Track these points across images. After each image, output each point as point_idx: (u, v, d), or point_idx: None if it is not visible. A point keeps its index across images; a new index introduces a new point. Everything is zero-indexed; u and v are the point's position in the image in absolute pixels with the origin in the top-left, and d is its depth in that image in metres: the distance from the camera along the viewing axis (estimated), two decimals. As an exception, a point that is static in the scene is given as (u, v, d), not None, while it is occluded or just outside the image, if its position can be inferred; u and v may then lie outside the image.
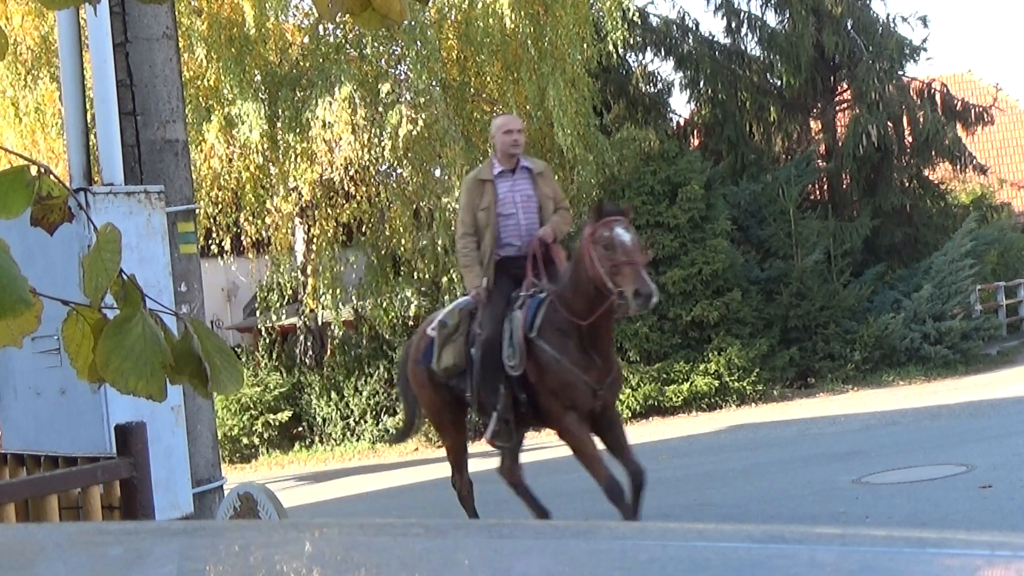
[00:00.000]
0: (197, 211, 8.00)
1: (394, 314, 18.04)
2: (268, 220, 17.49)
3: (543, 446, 16.45)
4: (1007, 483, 8.14)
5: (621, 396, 17.09)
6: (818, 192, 21.48)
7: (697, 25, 25.15)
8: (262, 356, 19.06)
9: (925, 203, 21.58)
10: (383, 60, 17.24)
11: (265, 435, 18.26)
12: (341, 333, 18.32)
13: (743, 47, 21.83)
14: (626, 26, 18.24)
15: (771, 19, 21.49)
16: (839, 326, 18.36)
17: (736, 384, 17.30)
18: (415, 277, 17.79)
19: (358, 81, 16.07)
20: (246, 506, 6.16)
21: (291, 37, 17.58)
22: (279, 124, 16.35)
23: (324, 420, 18.40)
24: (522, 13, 16.58)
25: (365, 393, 18.22)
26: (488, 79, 17.58)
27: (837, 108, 21.91)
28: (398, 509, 11.38)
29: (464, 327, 7.30)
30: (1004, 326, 21.69)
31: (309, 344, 19.10)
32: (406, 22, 12.09)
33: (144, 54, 6.26)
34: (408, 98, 16.47)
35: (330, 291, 17.58)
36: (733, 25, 21.65)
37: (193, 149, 13.82)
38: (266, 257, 18.51)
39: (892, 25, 21.18)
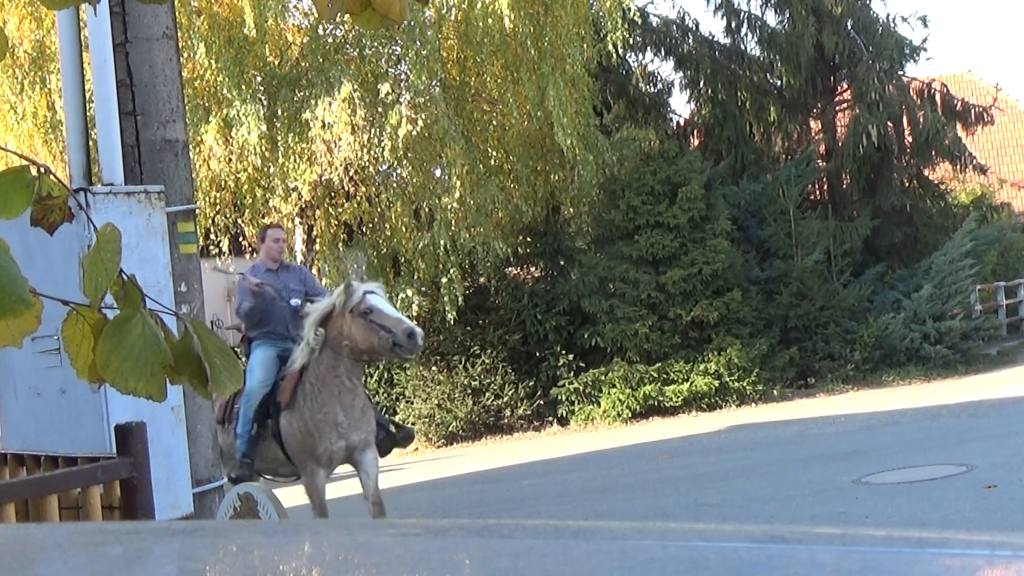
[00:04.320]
0: (197, 211, 8.01)
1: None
2: (268, 220, 17.47)
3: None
4: (1007, 483, 8.15)
5: (621, 396, 17.11)
6: (818, 192, 21.48)
7: (697, 25, 25.15)
8: (262, 356, 19.04)
9: (925, 203, 21.57)
10: (383, 60, 17.23)
11: (265, 435, 18.25)
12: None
13: (743, 47, 21.83)
14: (626, 26, 18.24)
15: (771, 19, 21.51)
16: (839, 326, 18.37)
17: (736, 384, 17.30)
18: (415, 277, 17.79)
19: (358, 81, 16.05)
20: (246, 506, 6.17)
21: (291, 37, 17.55)
22: (278, 125, 16.34)
23: (324, 420, 18.39)
24: (522, 13, 16.57)
25: (365, 393, 18.22)
26: (488, 79, 17.57)
27: (837, 108, 21.90)
28: (398, 509, 11.37)
29: None
30: (1004, 326, 21.69)
31: (309, 344, 19.09)
32: (406, 22, 12.06)
33: (144, 54, 6.26)
34: (408, 98, 16.46)
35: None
36: (733, 25, 21.65)
37: (191, 150, 13.81)
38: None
39: (892, 25, 21.18)
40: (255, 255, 18.55)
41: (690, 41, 21.55)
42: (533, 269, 19.17)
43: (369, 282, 8.28)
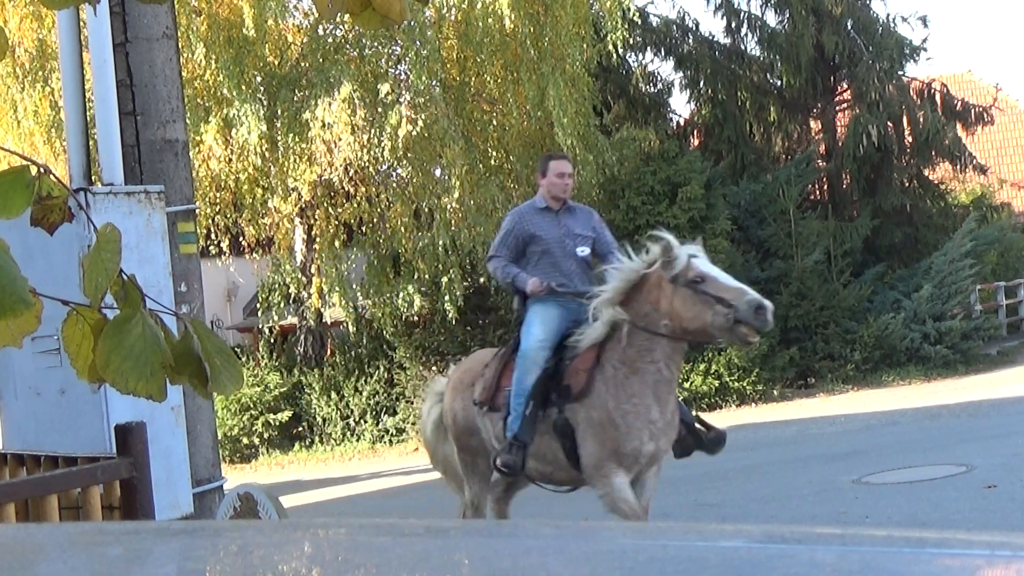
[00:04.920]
0: (197, 211, 7.99)
1: (393, 313, 18.04)
2: (268, 220, 17.48)
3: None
4: (1007, 483, 8.15)
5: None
6: (818, 192, 21.49)
7: (697, 25, 25.17)
8: (262, 356, 19.07)
9: (925, 203, 21.59)
10: (383, 60, 17.23)
11: (265, 435, 18.26)
12: (355, 330, 18.35)
13: (743, 47, 21.84)
14: (626, 26, 18.24)
15: (771, 19, 21.53)
16: (839, 326, 18.37)
17: (736, 384, 17.29)
18: (415, 277, 17.79)
19: (358, 81, 16.06)
20: (246, 506, 6.16)
21: (290, 37, 17.56)
22: (278, 125, 16.34)
23: (324, 420, 18.40)
24: (522, 13, 16.58)
25: (365, 393, 18.22)
26: (488, 79, 17.57)
27: (837, 108, 21.90)
28: (398, 509, 11.37)
29: None
30: (1004, 326, 21.68)
31: (309, 344, 19.10)
32: (406, 22, 12.07)
33: (144, 54, 6.25)
34: (408, 98, 16.46)
35: (338, 289, 17.58)
36: (733, 25, 21.66)
37: (191, 150, 13.82)
38: (266, 257, 18.52)
39: (892, 25, 21.19)
40: (255, 255, 18.65)
41: (690, 41, 21.56)
42: (533, 269, 19.15)
43: (689, 243, 6.16)
